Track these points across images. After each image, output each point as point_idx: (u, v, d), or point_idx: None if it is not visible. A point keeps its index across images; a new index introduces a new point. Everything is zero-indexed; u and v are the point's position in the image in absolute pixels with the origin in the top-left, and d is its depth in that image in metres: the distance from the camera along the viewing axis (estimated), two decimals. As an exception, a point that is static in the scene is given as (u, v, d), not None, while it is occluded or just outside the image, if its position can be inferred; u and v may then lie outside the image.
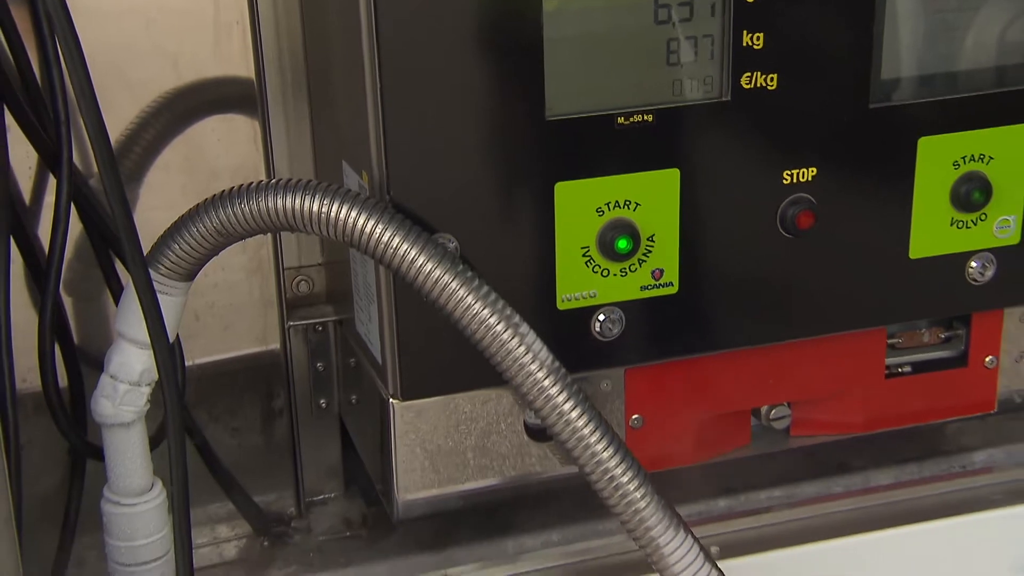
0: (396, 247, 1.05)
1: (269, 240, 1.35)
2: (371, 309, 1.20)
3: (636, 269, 1.18)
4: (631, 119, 1.14)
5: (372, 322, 1.21)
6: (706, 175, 1.18)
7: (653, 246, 1.18)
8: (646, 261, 1.18)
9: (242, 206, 1.06)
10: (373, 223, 1.05)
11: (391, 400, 1.20)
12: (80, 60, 0.97)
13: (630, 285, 1.19)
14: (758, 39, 1.15)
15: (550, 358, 1.08)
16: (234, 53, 1.28)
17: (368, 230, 1.05)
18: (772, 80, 1.16)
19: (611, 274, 1.18)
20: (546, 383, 1.08)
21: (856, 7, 1.18)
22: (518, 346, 1.07)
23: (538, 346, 1.08)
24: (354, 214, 1.05)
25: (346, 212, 1.05)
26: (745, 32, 1.15)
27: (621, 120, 1.14)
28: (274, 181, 1.06)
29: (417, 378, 1.18)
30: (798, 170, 1.20)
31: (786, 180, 1.20)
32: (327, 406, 1.43)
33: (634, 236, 1.17)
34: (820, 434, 1.35)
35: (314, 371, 1.42)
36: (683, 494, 1.36)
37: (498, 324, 1.06)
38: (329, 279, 1.42)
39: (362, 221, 1.05)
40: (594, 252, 1.17)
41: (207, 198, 1.08)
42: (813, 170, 1.20)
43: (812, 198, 1.20)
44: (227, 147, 1.31)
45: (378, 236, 1.05)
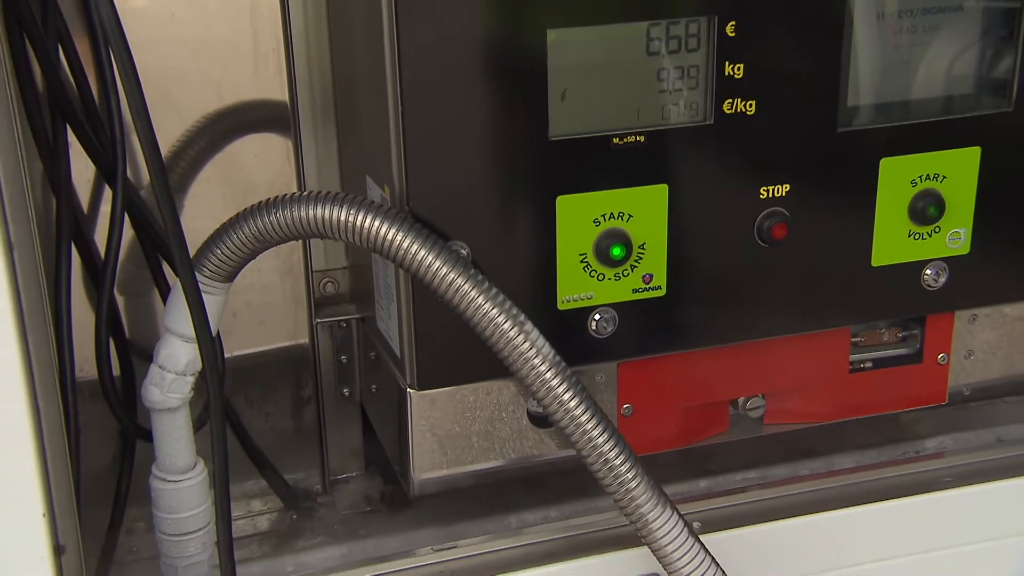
0: (415, 253, 1.05)
1: (300, 246, 1.35)
2: (391, 308, 1.20)
3: (628, 274, 1.18)
4: (625, 140, 1.14)
5: (391, 319, 1.21)
6: (691, 190, 1.18)
7: (644, 253, 1.18)
8: (637, 267, 1.18)
9: (276, 215, 1.06)
10: (394, 231, 1.05)
11: (408, 389, 1.20)
12: (135, 85, 0.97)
13: (623, 288, 1.19)
14: (739, 69, 1.15)
15: (552, 353, 1.08)
16: (270, 79, 1.28)
17: (390, 237, 1.05)
18: (751, 106, 1.17)
19: (606, 278, 1.18)
20: (548, 375, 1.08)
21: (824, 43, 1.18)
22: (523, 342, 1.07)
23: (541, 342, 1.08)
24: (377, 223, 1.05)
25: (370, 221, 1.05)
26: (727, 63, 1.15)
27: (616, 140, 1.14)
28: (305, 193, 1.06)
29: (432, 370, 1.18)
30: (773, 186, 1.20)
31: (763, 195, 1.20)
32: (350, 394, 1.43)
33: (627, 244, 1.16)
34: (790, 422, 1.35)
35: (338, 363, 1.42)
36: (669, 475, 1.36)
37: (505, 322, 1.07)
38: (353, 281, 1.42)
39: (384, 229, 1.05)
40: (591, 259, 1.17)
41: (245, 208, 1.08)
42: (787, 187, 1.20)
43: (786, 212, 1.20)
44: (263, 163, 1.31)
45: (398, 243, 1.05)
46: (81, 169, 1.21)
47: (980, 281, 1.30)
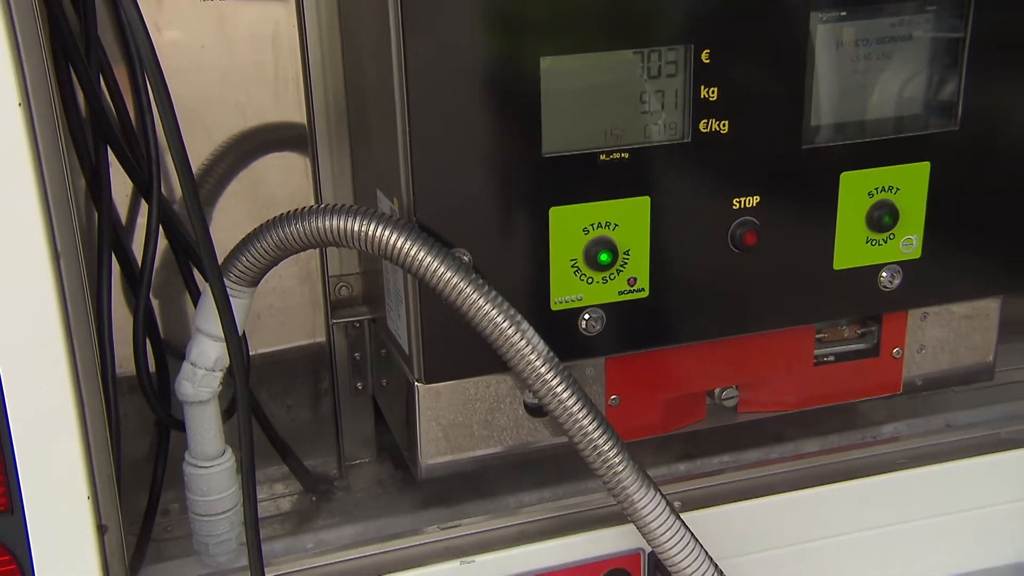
0: (421, 259, 1.05)
1: (317, 254, 1.34)
2: (400, 309, 1.20)
3: (615, 278, 1.18)
4: (611, 156, 1.14)
5: (400, 320, 1.21)
6: (671, 202, 1.17)
7: (628, 259, 1.18)
8: (623, 271, 1.18)
9: (296, 226, 1.06)
10: (403, 240, 1.05)
11: (415, 383, 1.19)
12: (168, 110, 0.97)
13: (610, 291, 1.18)
14: (713, 93, 1.15)
15: (546, 349, 1.08)
16: (290, 103, 1.28)
17: (398, 245, 1.05)
18: (724, 126, 1.16)
19: (594, 282, 1.18)
20: (543, 370, 1.08)
21: (790, 69, 1.18)
22: (520, 340, 1.07)
23: (536, 339, 1.08)
24: (387, 232, 1.05)
25: (380, 231, 1.05)
26: (703, 87, 1.15)
27: (603, 157, 1.14)
28: (322, 206, 1.06)
29: (437, 365, 1.18)
30: (745, 198, 1.19)
31: (735, 206, 1.20)
32: (363, 388, 1.43)
33: (613, 251, 1.16)
34: (761, 411, 1.34)
35: (352, 360, 1.41)
36: (652, 459, 1.37)
37: (504, 322, 1.07)
38: (365, 285, 1.42)
39: (394, 238, 1.05)
40: (581, 264, 1.17)
41: (268, 220, 1.08)
42: (757, 198, 1.20)
43: (756, 221, 1.20)
44: (284, 179, 1.31)
45: (406, 250, 1.05)
46: (120, 186, 1.21)
47: (930, 282, 1.30)
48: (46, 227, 0.95)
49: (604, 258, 1.16)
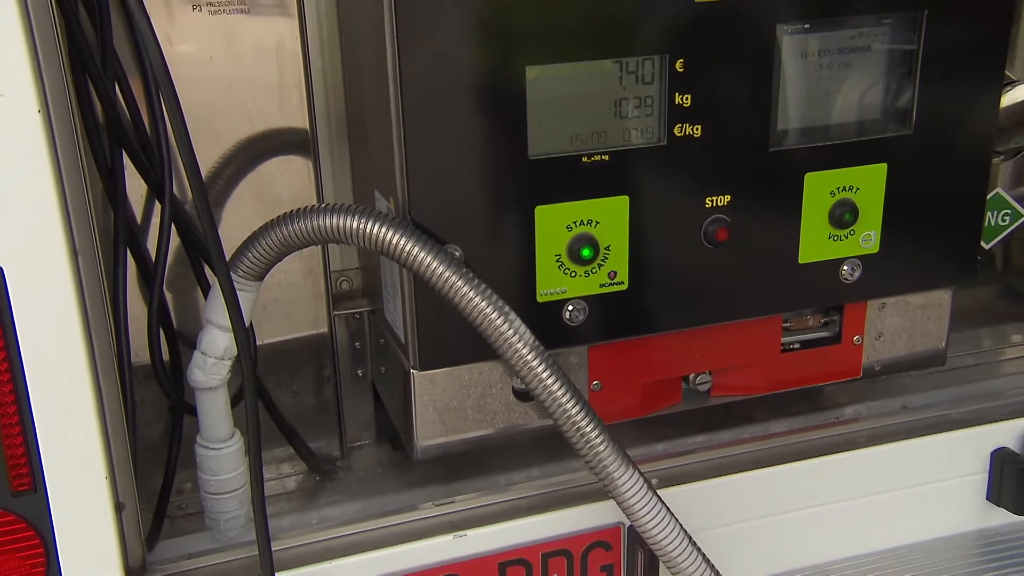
0: (416, 255, 1.04)
1: (319, 250, 1.34)
2: (396, 301, 1.20)
3: (596, 271, 1.18)
4: (592, 158, 1.14)
5: (397, 311, 1.20)
6: (648, 201, 1.17)
7: (609, 254, 1.17)
8: (604, 265, 1.18)
9: (299, 224, 1.05)
10: (398, 237, 1.04)
11: (412, 370, 1.19)
12: (179, 117, 0.97)
13: (592, 284, 1.18)
14: (687, 99, 1.15)
15: (532, 339, 1.08)
16: (293, 110, 1.27)
17: (394, 242, 1.04)
18: (697, 130, 1.16)
19: (577, 275, 1.17)
20: (529, 357, 1.07)
21: (758, 77, 1.17)
22: (508, 329, 1.07)
23: (523, 329, 1.07)
24: (384, 230, 1.04)
25: (378, 228, 1.04)
26: (677, 94, 1.14)
27: (585, 159, 1.13)
28: (323, 205, 1.06)
29: (431, 353, 1.17)
30: (716, 197, 1.19)
31: (708, 204, 1.19)
32: (363, 375, 1.42)
33: (595, 246, 1.16)
34: (733, 394, 1.34)
35: (353, 349, 1.41)
36: (631, 440, 1.36)
37: (493, 313, 1.06)
38: (364, 279, 1.41)
39: (390, 235, 1.04)
40: (564, 259, 1.16)
41: (273, 218, 1.07)
42: (728, 197, 1.19)
43: (727, 218, 1.20)
44: (288, 180, 1.30)
45: (402, 247, 1.04)
46: (135, 187, 1.20)
47: (888, 275, 1.30)
48: (65, 226, 0.95)
49: (586, 253, 1.15)
